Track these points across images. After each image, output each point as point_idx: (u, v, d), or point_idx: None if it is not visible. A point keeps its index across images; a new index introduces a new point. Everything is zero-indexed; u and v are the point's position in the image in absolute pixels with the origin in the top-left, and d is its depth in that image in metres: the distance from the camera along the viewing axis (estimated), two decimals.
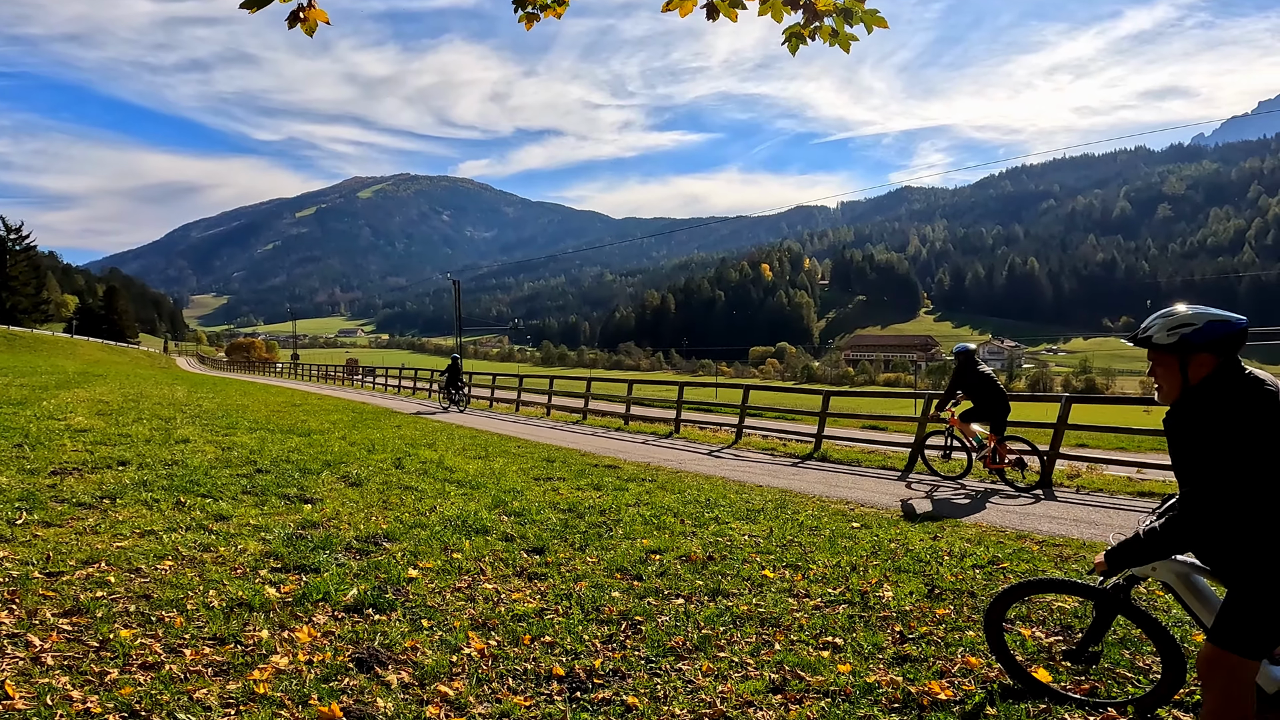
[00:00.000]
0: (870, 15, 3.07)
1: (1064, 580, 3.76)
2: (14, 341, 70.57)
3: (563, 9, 3.33)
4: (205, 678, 3.45)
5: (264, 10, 2.88)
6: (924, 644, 4.26)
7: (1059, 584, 3.78)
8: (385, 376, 44.09)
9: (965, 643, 4.24)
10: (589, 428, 19.11)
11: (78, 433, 10.14)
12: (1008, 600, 3.85)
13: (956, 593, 5.13)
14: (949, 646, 4.23)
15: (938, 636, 4.37)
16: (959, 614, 4.74)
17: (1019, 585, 3.85)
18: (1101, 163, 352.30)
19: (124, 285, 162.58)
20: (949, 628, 4.52)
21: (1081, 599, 3.84)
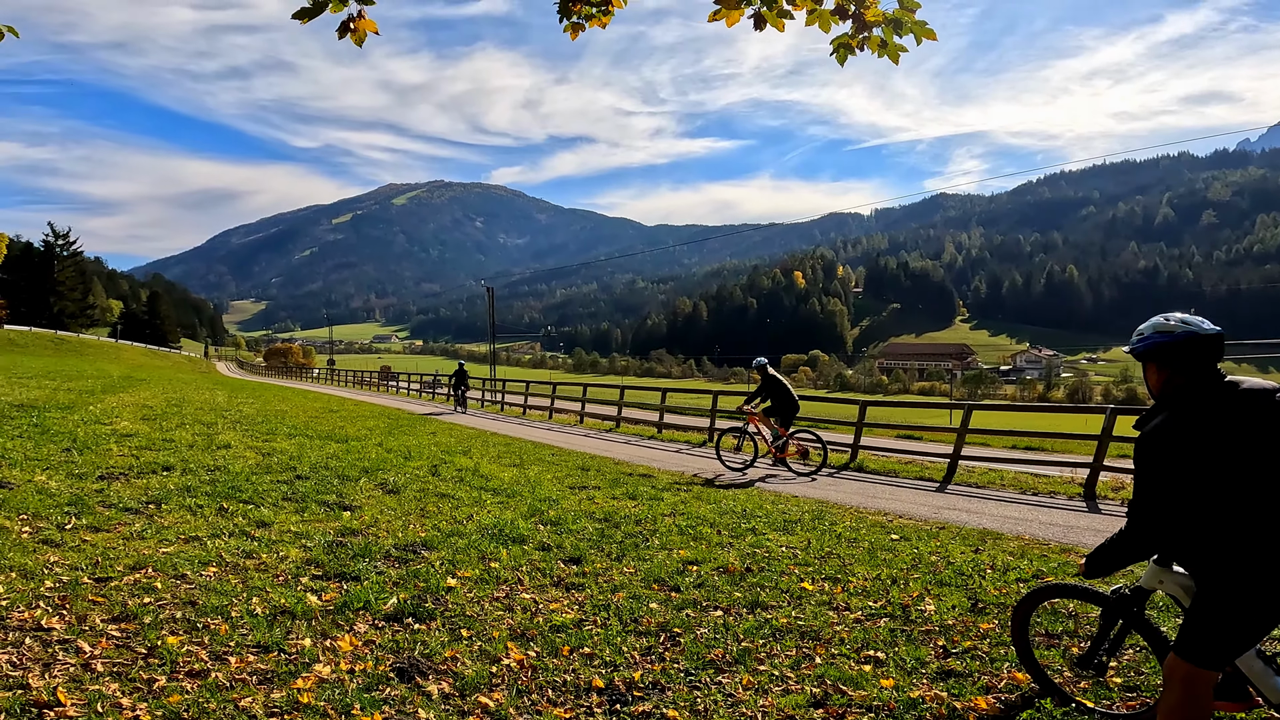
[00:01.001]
0: (920, 26, 3.03)
1: (1076, 586, 3.80)
2: (61, 345, 72.41)
3: (608, 19, 3.34)
4: (250, 686, 3.48)
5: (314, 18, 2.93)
6: (968, 659, 4.20)
7: (1073, 589, 3.83)
8: (419, 383, 44.52)
9: (1010, 658, 4.16)
10: (622, 435, 19.11)
11: (123, 437, 10.35)
12: (1029, 607, 3.91)
13: (1000, 607, 5.04)
14: (994, 661, 4.17)
15: (982, 651, 4.31)
16: (1004, 628, 4.65)
17: (1037, 591, 3.92)
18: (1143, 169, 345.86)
19: (166, 291, 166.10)
20: (993, 642, 4.45)
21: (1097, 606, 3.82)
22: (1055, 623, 4.69)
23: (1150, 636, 3.46)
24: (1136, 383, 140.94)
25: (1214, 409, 2.79)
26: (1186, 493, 2.79)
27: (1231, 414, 2.77)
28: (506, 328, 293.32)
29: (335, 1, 2.83)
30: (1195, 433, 2.77)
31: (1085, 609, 4.83)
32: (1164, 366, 2.94)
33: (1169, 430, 2.81)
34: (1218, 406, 2.79)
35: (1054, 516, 8.96)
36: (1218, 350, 2.87)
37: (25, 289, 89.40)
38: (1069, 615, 4.82)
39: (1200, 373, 2.87)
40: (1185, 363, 2.90)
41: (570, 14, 3.28)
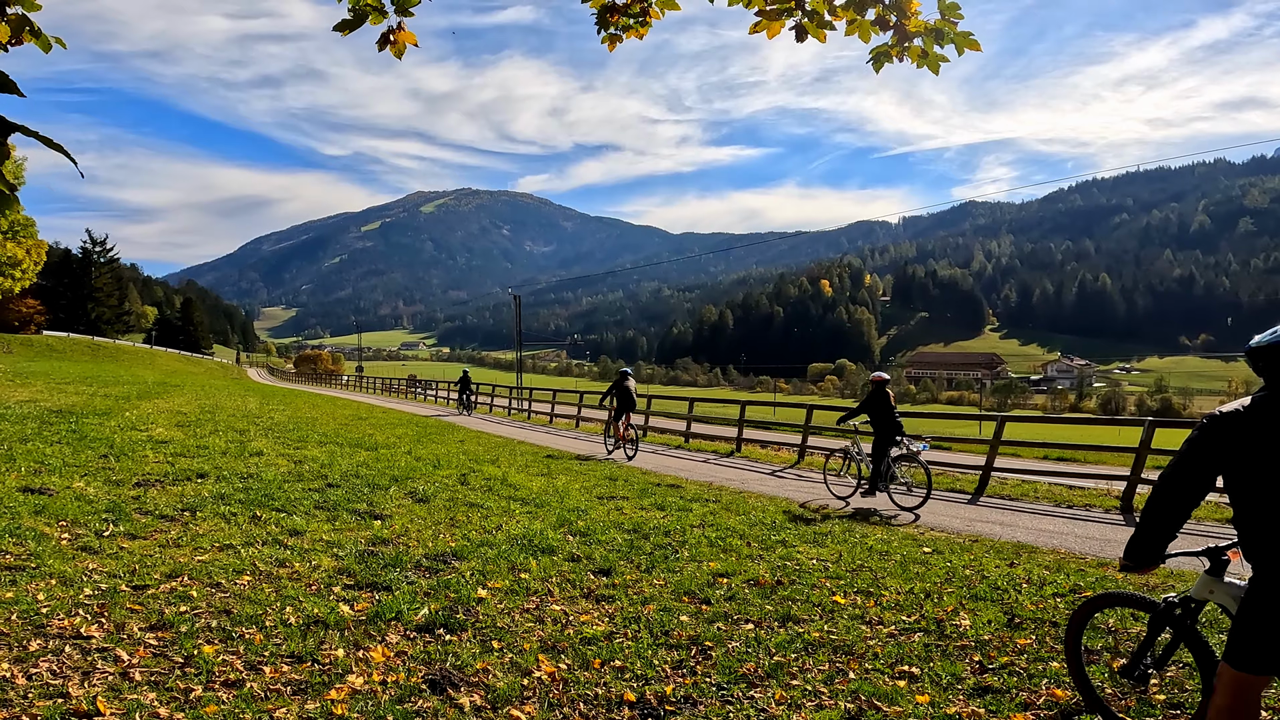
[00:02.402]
0: (962, 37, 2.99)
1: (1129, 594, 3.77)
2: (98, 351, 73.79)
3: (645, 30, 3.33)
4: (284, 696, 3.49)
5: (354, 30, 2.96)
6: (1005, 675, 4.15)
7: (1125, 598, 3.80)
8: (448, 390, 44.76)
9: (1049, 674, 4.11)
10: (649, 445, 19.07)
11: (159, 444, 10.50)
12: (1084, 616, 3.88)
13: (1038, 622, 4.95)
14: (1032, 678, 4.11)
15: (1020, 667, 4.24)
16: (1041, 644, 4.58)
17: (1091, 600, 3.91)
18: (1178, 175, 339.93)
19: (199, 297, 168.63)
20: (1031, 658, 4.38)
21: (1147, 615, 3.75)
22: (1095, 638, 4.60)
23: (1198, 650, 3.37)
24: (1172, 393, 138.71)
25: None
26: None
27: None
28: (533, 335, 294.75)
29: (375, 13, 2.86)
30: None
31: (1127, 624, 4.75)
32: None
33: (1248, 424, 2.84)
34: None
35: (1090, 530, 8.79)
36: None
37: (64, 295, 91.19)
38: (1109, 631, 4.77)
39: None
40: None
41: (608, 25, 3.28)
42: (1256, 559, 2.82)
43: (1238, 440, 2.81)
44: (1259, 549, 2.80)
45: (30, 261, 58.79)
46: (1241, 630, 2.81)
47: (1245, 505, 2.84)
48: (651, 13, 3.24)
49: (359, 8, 2.82)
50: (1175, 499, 2.96)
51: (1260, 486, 2.77)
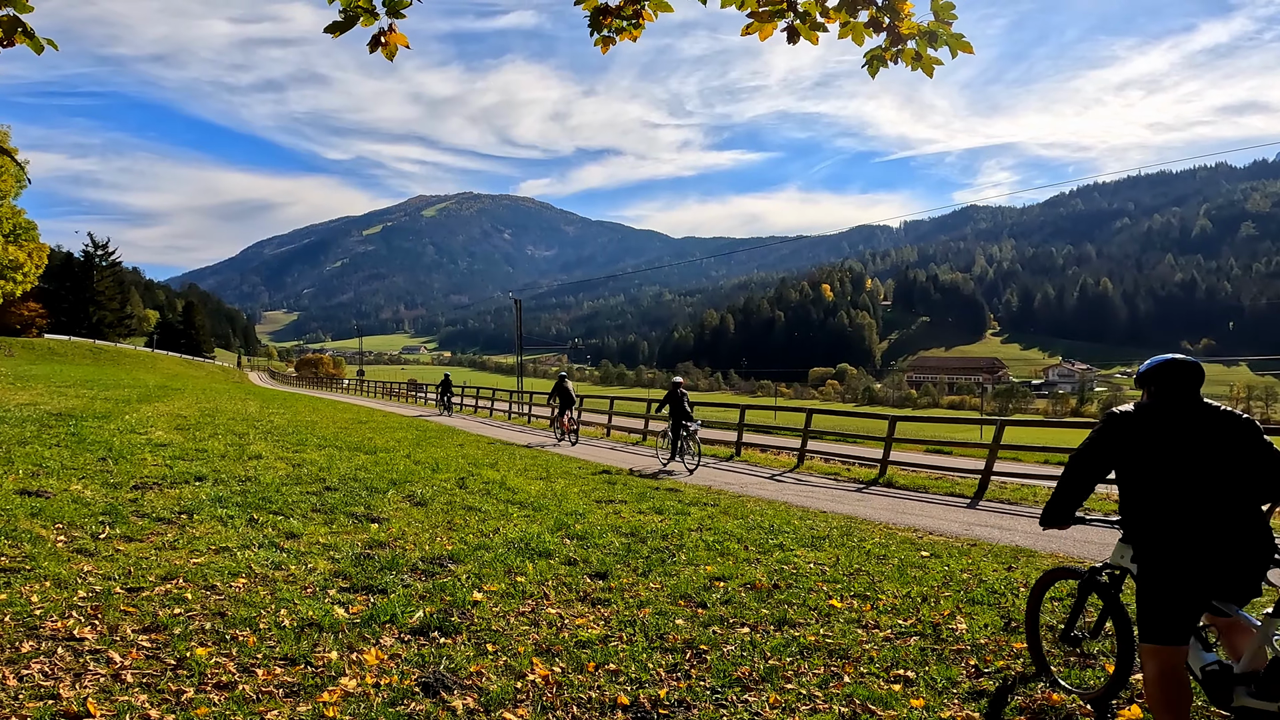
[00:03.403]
0: (955, 39, 2.99)
1: (1071, 568, 4.28)
2: (99, 355, 73.86)
3: (638, 33, 3.33)
4: (277, 699, 3.49)
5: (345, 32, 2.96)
6: (1001, 679, 4.14)
7: (1069, 571, 4.29)
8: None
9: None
10: (649, 449, 19.06)
11: (158, 447, 10.49)
12: (1041, 590, 4.36)
13: None
14: (1028, 682, 4.11)
15: (1016, 671, 4.24)
16: None
17: (1046, 575, 4.39)
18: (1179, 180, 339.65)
19: (201, 301, 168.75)
20: (1028, 662, 4.37)
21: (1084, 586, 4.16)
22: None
23: (1117, 618, 3.82)
24: None
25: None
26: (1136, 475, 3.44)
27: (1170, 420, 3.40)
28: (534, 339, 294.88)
29: (366, 15, 2.86)
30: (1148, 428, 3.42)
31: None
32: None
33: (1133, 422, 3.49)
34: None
35: (1089, 534, 8.77)
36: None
37: (65, 299, 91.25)
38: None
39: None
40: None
41: (601, 28, 3.28)
42: (1133, 538, 3.44)
43: (1125, 437, 3.43)
44: (1134, 528, 3.42)
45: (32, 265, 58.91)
46: (1139, 604, 3.35)
47: (1126, 491, 3.46)
48: (645, 15, 3.25)
49: (350, 10, 2.82)
50: (1080, 477, 3.58)
51: (1137, 476, 3.40)
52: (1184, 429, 3.34)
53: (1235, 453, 3.32)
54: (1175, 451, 3.31)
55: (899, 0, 2.97)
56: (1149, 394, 3.55)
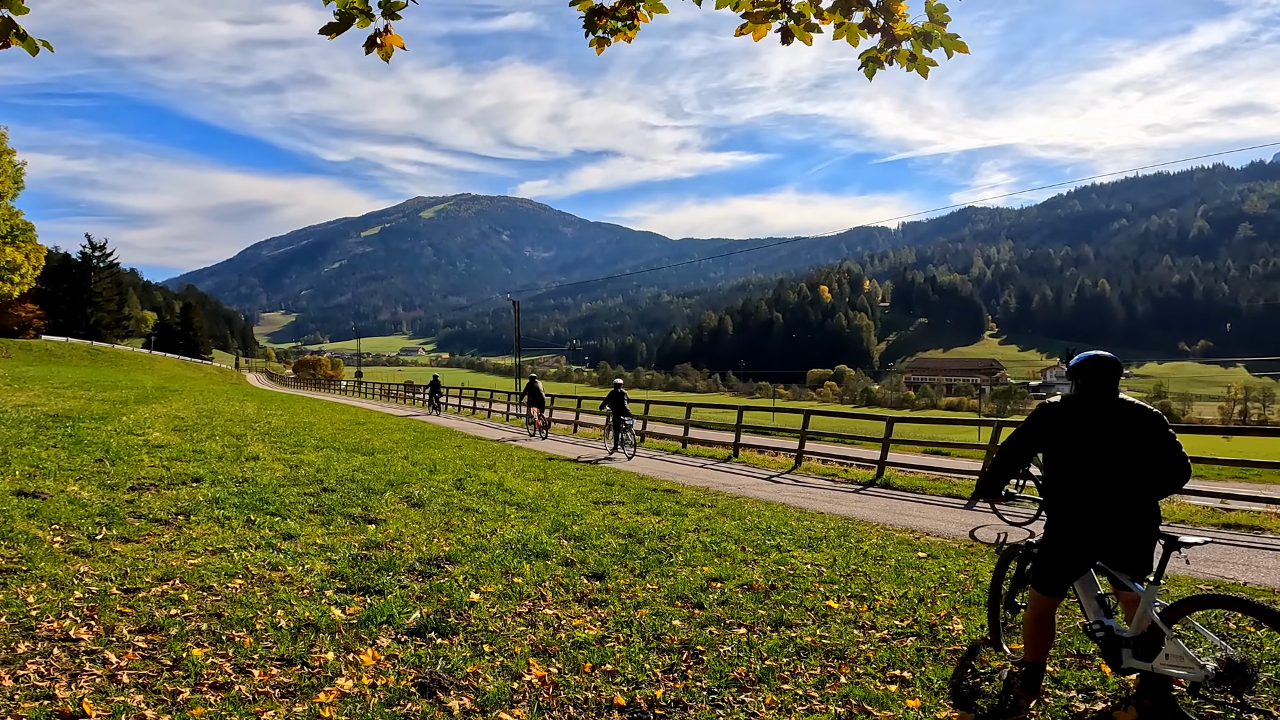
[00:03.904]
0: (950, 39, 3.00)
1: (1019, 544, 4.62)
2: (97, 356, 73.74)
3: (633, 34, 3.34)
4: (273, 699, 3.49)
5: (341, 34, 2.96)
6: (998, 680, 4.16)
7: (1019, 546, 4.66)
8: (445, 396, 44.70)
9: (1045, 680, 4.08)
10: (646, 450, 19.06)
11: (155, 448, 10.48)
12: (1002, 567, 4.74)
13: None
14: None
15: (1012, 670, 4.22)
16: None
17: (1004, 553, 4.76)
18: (1177, 181, 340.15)
19: (199, 302, 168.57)
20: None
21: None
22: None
23: (1021, 579, 4.42)
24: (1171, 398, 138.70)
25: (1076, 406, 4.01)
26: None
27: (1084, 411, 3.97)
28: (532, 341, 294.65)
29: (362, 17, 2.86)
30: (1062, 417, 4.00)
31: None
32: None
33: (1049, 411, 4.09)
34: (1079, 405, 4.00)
35: None
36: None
37: (63, 300, 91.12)
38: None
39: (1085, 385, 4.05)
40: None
41: (596, 29, 3.28)
42: (1049, 510, 4.01)
43: (1052, 425, 3.98)
44: (1050, 503, 4.01)
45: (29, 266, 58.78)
46: (1037, 562, 4.06)
47: (1048, 470, 4.04)
48: (639, 16, 3.25)
49: (345, 11, 2.82)
50: (1012, 456, 4.11)
51: (1057, 459, 3.96)
52: (1101, 419, 3.90)
53: (1142, 442, 3.87)
54: (1091, 438, 3.88)
55: (893, 1, 2.98)
56: (1075, 387, 4.08)
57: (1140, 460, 3.86)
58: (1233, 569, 7.04)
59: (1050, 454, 4.01)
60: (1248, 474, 16.53)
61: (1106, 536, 3.83)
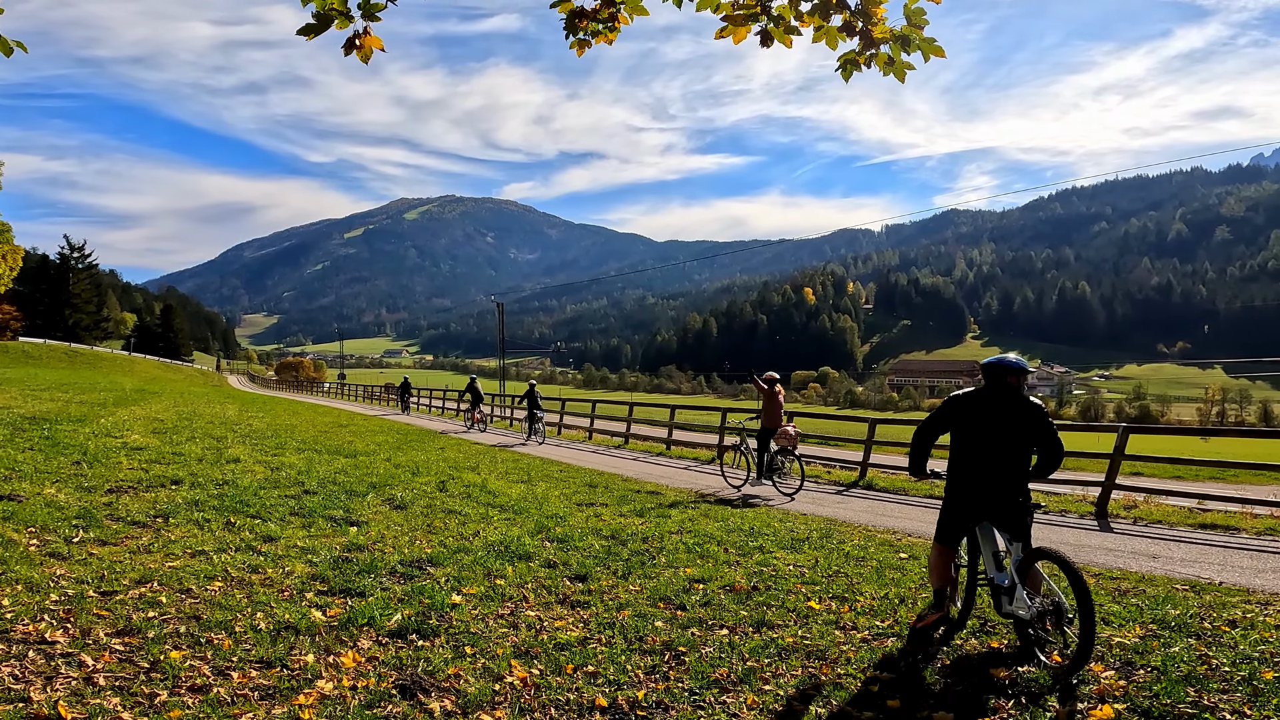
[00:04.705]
0: (928, 43, 3.02)
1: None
2: (75, 358, 72.85)
3: (614, 35, 3.34)
4: (252, 702, 3.47)
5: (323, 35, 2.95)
6: (976, 679, 4.15)
7: None
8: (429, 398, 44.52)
9: (1022, 681, 4.11)
10: (631, 452, 19.06)
11: (134, 450, 10.39)
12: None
13: (1009, 627, 4.98)
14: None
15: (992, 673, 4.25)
16: (1012, 649, 4.60)
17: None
18: (1156, 184, 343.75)
19: (180, 304, 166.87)
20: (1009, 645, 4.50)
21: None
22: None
23: (970, 549, 5.16)
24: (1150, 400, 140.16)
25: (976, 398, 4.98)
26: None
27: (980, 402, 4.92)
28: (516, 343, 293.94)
29: (341, 18, 2.85)
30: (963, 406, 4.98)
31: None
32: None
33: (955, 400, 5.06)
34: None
35: (1065, 535, 8.86)
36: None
37: (41, 301, 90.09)
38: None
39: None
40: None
41: (576, 30, 3.29)
42: (948, 478, 5.04)
43: (956, 413, 4.97)
44: (949, 473, 5.04)
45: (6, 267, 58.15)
46: (938, 519, 5.11)
47: (951, 448, 5.03)
48: (620, 18, 3.25)
49: (324, 12, 2.81)
50: (925, 437, 5.15)
51: (957, 440, 4.98)
52: (994, 410, 4.84)
53: (1024, 431, 4.81)
54: (983, 425, 4.85)
55: (872, 4, 3.00)
56: (982, 382, 5.02)
57: (1020, 445, 4.82)
58: (1208, 569, 7.12)
59: (953, 435, 5.01)
60: (1225, 475, 16.72)
61: (986, 502, 4.83)
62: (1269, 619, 5.14)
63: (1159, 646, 4.55)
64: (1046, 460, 4.91)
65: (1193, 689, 3.92)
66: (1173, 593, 5.88)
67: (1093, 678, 4.13)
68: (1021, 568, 4.67)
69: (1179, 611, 5.27)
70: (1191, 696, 3.84)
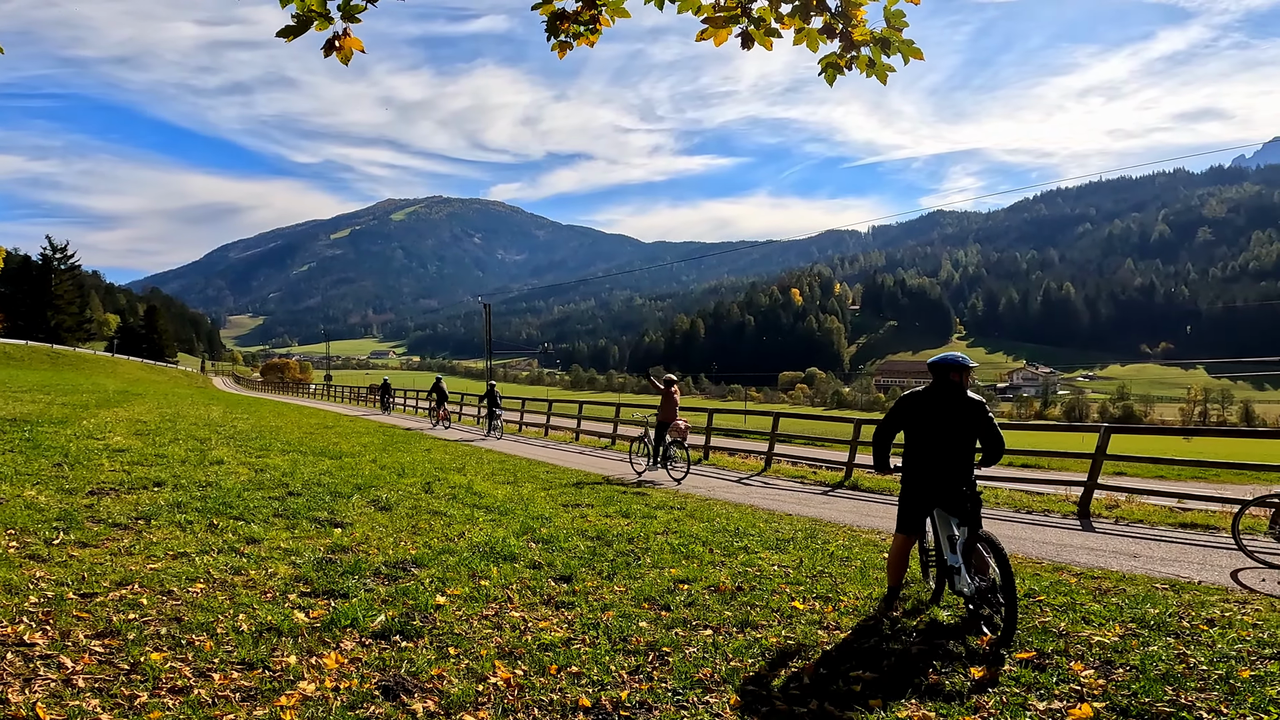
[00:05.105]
0: (907, 45, 3.04)
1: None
2: (58, 360, 72.16)
3: (595, 38, 3.35)
4: (233, 703, 3.46)
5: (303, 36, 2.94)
6: (958, 678, 4.20)
7: None
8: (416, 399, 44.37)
9: (1002, 679, 4.14)
10: (618, 453, 19.07)
11: (116, 452, 10.31)
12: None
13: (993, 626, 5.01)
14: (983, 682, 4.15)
15: (972, 672, 4.28)
16: (994, 647, 4.63)
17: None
18: (1139, 185, 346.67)
19: (164, 305, 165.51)
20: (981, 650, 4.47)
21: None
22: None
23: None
24: (1133, 400, 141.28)
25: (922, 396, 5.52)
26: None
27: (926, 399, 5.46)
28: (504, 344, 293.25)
29: (321, 20, 2.84)
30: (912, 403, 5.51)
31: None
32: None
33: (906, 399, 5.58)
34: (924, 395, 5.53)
35: (1048, 535, 8.93)
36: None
37: (22, 302, 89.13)
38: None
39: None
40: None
41: (558, 32, 3.29)
42: (903, 470, 5.54)
43: (909, 409, 5.47)
44: (904, 465, 5.53)
45: None
46: (898, 510, 5.62)
47: (905, 443, 5.53)
48: (602, 20, 3.26)
49: (304, 14, 2.80)
50: (885, 434, 5.64)
51: (910, 435, 5.48)
52: (940, 406, 5.36)
53: (968, 424, 5.34)
54: (931, 420, 5.36)
55: (852, 7, 3.02)
56: (931, 380, 5.55)
57: (966, 437, 5.34)
58: (1188, 568, 7.20)
59: (906, 431, 5.50)
60: (1207, 474, 16.90)
61: (937, 490, 5.32)
62: (1246, 618, 5.20)
63: (1138, 645, 4.59)
64: (989, 451, 5.46)
65: (1170, 687, 3.96)
66: (1152, 591, 5.94)
67: (1072, 676, 4.17)
68: (966, 550, 5.11)
69: (1158, 610, 5.32)
70: (1169, 695, 3.87)
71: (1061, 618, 5.16)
